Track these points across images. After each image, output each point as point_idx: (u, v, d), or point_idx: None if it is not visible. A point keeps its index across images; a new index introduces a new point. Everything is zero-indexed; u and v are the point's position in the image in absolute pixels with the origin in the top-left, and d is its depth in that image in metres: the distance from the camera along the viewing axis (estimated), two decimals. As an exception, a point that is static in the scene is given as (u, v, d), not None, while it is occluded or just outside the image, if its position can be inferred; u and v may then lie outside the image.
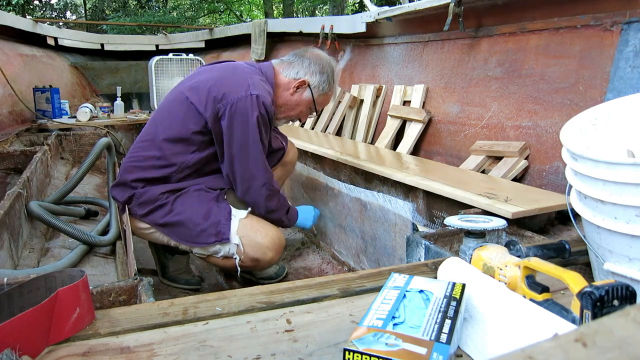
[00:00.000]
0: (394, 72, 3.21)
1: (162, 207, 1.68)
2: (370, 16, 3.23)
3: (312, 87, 1.83)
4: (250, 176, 1.69)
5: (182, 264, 2.00)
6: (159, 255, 2.01)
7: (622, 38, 1.88)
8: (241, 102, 1.61)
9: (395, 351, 0.65)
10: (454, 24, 2.51)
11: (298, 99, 1.84)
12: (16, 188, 1.78)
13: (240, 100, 1.61)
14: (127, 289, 1.04)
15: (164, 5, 16.55)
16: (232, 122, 1.62)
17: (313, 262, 2.16)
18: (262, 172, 1.70)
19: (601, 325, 0.35)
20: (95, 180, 3.04)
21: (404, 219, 1.57)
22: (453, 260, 0.98)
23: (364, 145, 2.89)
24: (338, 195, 2.02)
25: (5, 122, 3.42)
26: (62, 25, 9.29)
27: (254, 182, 1.70)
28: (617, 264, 0.95)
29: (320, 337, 0.81)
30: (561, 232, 1.65)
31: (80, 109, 3.91)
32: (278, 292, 0.98)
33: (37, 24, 5.09)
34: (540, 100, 2.16)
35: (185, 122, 1.68)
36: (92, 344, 0.80)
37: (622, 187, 0.87)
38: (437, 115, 2.72)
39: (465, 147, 2.44)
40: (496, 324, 0.75)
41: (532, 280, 0.86)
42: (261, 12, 17.07)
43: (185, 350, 0.78)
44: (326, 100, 1.93)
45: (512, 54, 2.37)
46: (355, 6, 14.24)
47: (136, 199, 1.71)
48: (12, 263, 1.52)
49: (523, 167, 2.08)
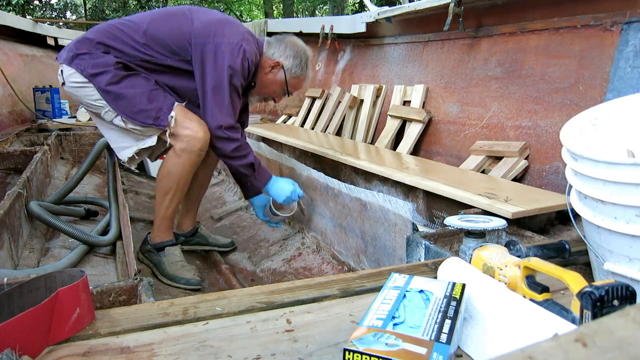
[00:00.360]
0: (394, 72, 3.21)
1: (108, 74, 1.75)
2: (370, 16, 3.23)
3: (285, 69, 1.93)
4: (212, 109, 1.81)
5: (176, 257, 1.95)
6: (150, 256, 1.98)
7: (622, 38, 1.89)
8: (230, 45, 1.77)
9: (395, 351, 0.65)
10: (454, 24, 2.52)
11: (272, 78, 1.95)
12: (16, 188, 1.78)
13: (230, 44, 1.77)
14: (127, 289, 1.04)
15: (163, 5, 16.56)
16: (215, 56, 1.76)
17: (313, 262, 2.16)
18: (225, 113, 1.81)
19: (601, 325, 0.35)
20: (95, 180, 3.04)
21: (404, 219, 1.57)
22: (453, 260, 0.98)
23: (364, 145, 2.89)
24: (338, 195, 2.02)
25: (5, 122, 3.42)
26: (62, 25, 9.30)
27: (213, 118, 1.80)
28: (617, 264, 0.95)
29: (320, 337, 0.81)
30: (561, 232, 1.65)
31: (80, 108, 3.91)
32: (278, 292, 0.98)
33: (37, 24, 5.09)
34: (540, 100, 2.16)
35: (176, 35, 1.80)
36: (92, 344, 0.80)
37: (622, 187, 0.87)
38: (437, 115, 2.72)
39: (465, 147, 2.44)
40: (496, 324, 0.75)
41: (532, 280, 0.86)
42: (261, 12, 17.07)
43: (185, 350, 0.78)
44: (298, 83, 2.01)
45: (512, 54, 2.37)
46: (355, 6, 14.24)
47: (93, 58, 1.77)
48: (12, 263, 1.52)
49: (523, 167, 2.08)
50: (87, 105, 1.86)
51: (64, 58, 1.81)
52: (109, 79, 1.75)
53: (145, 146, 1.88)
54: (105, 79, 1.75)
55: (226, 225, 2.77)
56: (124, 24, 1.84)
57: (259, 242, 2.44)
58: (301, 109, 3.90)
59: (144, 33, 1.80)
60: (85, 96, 1.82)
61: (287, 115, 4.12)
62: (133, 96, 1.76)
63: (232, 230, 2.65)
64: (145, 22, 1.83)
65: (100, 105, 1.81)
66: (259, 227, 2.61)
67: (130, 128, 1.83)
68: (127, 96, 1.76)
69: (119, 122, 1.82)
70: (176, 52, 1.82)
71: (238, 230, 2.64)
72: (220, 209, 3.04)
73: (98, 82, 1.76)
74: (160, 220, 1.93)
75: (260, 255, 2.31)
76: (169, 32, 1.81)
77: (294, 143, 2.99)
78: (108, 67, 1.76)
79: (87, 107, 1.89)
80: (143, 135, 1.86)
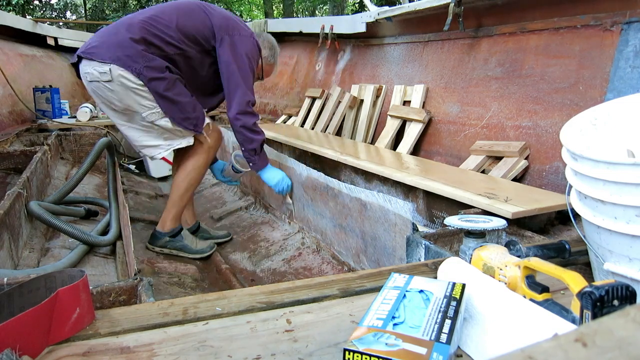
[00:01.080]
0: (394, 72, 3.21)
1: (164, 80, 1.95)
2: (370, 16, 3.23)
3: (262, 57, 2.28)
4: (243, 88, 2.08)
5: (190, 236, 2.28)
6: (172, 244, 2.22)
7: (622, 38, 1.89)
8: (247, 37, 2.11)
9: (395, 351, 0.65)
10: (454, 24, 2.52)
11: None
12: (16, 188, 1.78)
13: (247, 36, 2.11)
14: (127, 289, 1.04)
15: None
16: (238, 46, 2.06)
17: (313, 262, 2.16)
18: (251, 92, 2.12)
19: (601, 325, 0.35)
20: (95, 180, 3.04)
21: (404, 219, 1.57)
22: (453, 260, 0.98)
23: (364, 145, 2.89)
24: (338, 195, 2.02)
25: (5, 122, 3.42)
26: (62, 25, 9.29)
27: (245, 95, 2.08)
28: (617, 264, 0.95)
29: (320, 337, 0.81)
30: (561, 232, 1.65)
31: (81, 109, 3.91)
32: (278, 292, 0.98)
33: (37, 24, 5.09)
34: (540, 100, 2.16)
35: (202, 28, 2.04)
36: (92, 344, 0.80)
37: (622, 187, 0.87)
38: (437, 115, 2.72)
39: (465, 147, 2.44)
40: (496, 324, 0.75)
41: (532, 280, 0.86)
42: (261, 12, 17.08)
43: (185, 350, 0.78)
44: (270, 70, 2.39)
45: (512, 54, 2.37)
46: (355, 6, 14.24)
47: (146, 61, 1.91)
48: (12, 263, 1.52)
49: (523, 167, 2.08)
50: (128, 105, 1.99)
51: (112, 58, 1.90)
52: (165, 85, 1.95)
53: (181, 146, 2.12)
54: (162, 86, 1.94)
55: (226, 225, 2.77)
56: (156, 20, 1.98)
57: (259, 242, 2.43)
58: (301, 109, 3.90)
59: (177, 28, 1.98)
60: (132, 96, 1.95)
61: (287, 115, 4.12)
62: (184, 104, 2.02)
63: (232, 230, 2.65)
64: (173, 18, 2.00)
65: (147, 106, 1.98)
66: (259, 227, 2.61)
67: (174, 129, 2.06)
68: (180, 103, 2.01)
69: (165, 123, 2.03)
70: (200, 43, 2.04)
71: (238, 231, 2.64)
72: (220, 209, 3.04)
73: (155, 86, 1.93)
74: (177, 211, 2.20)
75: (260, 255, 2.31)
76: (196, 26, 2.03)
77: (294, 143, 2.99)
78: (164, 73, 1.94)
79: (127, 106, 2.00)
80: (179, 137, 2.11)
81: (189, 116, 2.04)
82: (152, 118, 2.00)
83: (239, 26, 2.10)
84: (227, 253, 2.38)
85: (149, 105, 1.97)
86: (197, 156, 2.17)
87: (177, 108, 1.99)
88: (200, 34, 2.02)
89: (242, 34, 2.09)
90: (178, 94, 1.99)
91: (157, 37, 1.94)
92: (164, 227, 2.19)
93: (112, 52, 1.90)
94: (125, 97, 1.95)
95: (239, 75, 2.05)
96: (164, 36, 1.95)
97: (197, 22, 2.03)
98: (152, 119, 2.01)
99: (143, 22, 1.95)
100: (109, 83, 1.92)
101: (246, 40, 2.09)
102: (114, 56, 1.89)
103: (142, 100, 1.96)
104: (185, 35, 1.99)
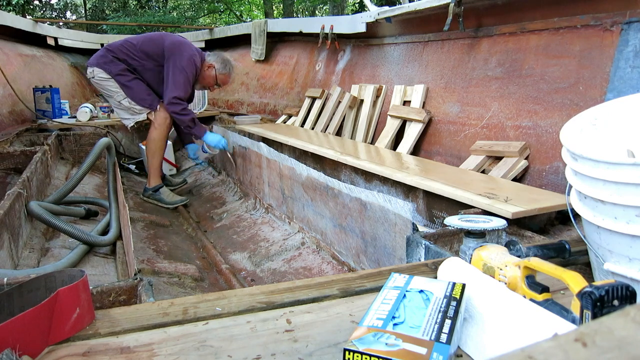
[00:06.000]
0: (394, 72, 3.21)
1: (124, 76, 3.06)
2: (370, 16, 3.23)
3: (216, 69, 3.18)
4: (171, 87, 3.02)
5: (167, 191, 3.22)
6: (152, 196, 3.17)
7: (622, 38, 1.89)
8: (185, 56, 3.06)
9: (395, 351, 0.65)
10: (454, 24, 2.52)
11: (208, 74, 3.19)
12: (16, 188, 1.78)
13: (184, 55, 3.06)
14: (127, 289, 1.04)
15: (164, 5, 16.55)
16: (177, 61, 3.03)
17: (313, 262, 2.16)
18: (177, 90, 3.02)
19: (601, 325, 0.35)
20: (95, 180, 3.04)
21: (404, 219, 1.57)
22: (453, 260, 0.98)
23: (364, 145, 2.89)
24: (338, 195, 2.02)
25: (5, 122, 3.42)
26: (62, 25, 9.29)
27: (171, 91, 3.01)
28: (617, 264, 0.95)
29: (320, 337, 0.81)
30: (561, 232, 1.65)
31: (81, 109, 3.91)
32: (278, 292, 0.98)
33: (37, 24, 5.09)
34: (540, 100, 2.16)
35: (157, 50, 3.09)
36: (92, 344, 0.80)
37: (622, 187, 0.87)
38: (437, 115, 2.72)
39: (465, 147, 2.44)
40: (496, 324, 0.75)
41: (532, 280, 0.86)
42: (261, 12, 17.08)
43: (185, 350, 0.78)
44: (225, 79, 3.26)
45: (512, 54, 2.37)
46: (355, 6, 14.23)
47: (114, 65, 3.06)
48: (12, 263, 1.52)
49: (523, 167, 2.08)
50: (108, 91, 3.10)
51: (95, 63, 3.08)
52: (124, 78, 3.06)
53: (140, 119, 3.15)
54: (123, 79, 3.06)
55: (226, 225, 2.77)
56: (127, 44, 3.10)
57: (259, 242, 2.44)
58: (301, 109, 3.90)
59: (140, 50, 3.09)
60: (108, 86, 3.08)
61: (287, 115, 4.12)
62: (138, 90, 3.10)
63: (232, 230, 2.65)
64: (138, 43, 3.10)
65: (117, 91, 3.09)
66: (259, 227, 2.61)
67: (132, 106, 3.11)
68: (135, 89, 3.09)
69: (126, 102, 3.10)
70: (155, 59, 3.10)
71: (238, 231, 2.64)
72: (220, 209, 3.04)
73: (119, 79, 3.06)
74: (153, 171, 3.20)
75: (260, 255, 2.31)
76: (152, 48, 3.10)
77: (294, 143, 2.99)
78: (124, 72, 3.06)
79: (107, 92, 3.12)
80: (138, 113, 3.13)
81: (144, 97, 3.09)
82: (119, 98, 3.09)
83: (182, 49, 3.07)
84: (227, 253, 2.39)
85: (116, 90, 3.08)
86: (151, 131, 3.17)
87: (133, 92, 3.07)
88: (155, 54, 3.08)
89: (183, 54, 3.05)
90: (134, 84, 3.07)
91: (124, 53, 3.07)
92: (150, 184, 3.19)
93: (96, 60, 3.08)
94: (105, 85, 3.08)
95: (171, 80, 3.02)
96: (129, 53, 3.07)
97: (154, 46, 3.09)
98: (119, 99, 3.09)
99: (119, 44, 3.11)
100: (97, 78, 3.08)
101: (183, 58, 3.03)
102: (95, 63, 3.07)
103: (112, 87, 3.08)
104: (145, 54, 3.08)
